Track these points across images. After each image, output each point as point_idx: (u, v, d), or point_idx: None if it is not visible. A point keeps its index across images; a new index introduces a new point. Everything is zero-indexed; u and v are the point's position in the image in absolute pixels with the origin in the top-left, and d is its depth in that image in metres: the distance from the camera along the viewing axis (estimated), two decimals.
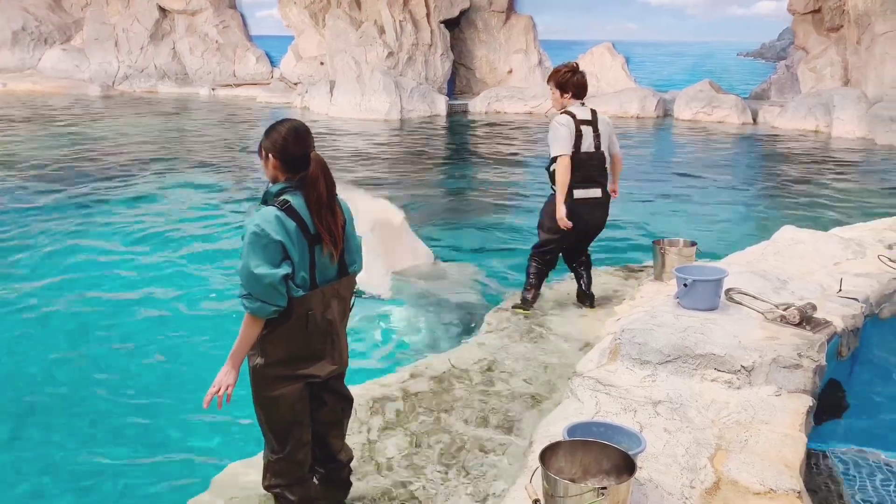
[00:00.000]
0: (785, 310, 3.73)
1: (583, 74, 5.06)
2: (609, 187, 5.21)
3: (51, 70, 25.60)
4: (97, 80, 24.65)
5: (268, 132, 2.77)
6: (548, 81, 5.18)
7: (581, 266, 5.45)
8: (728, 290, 4.02)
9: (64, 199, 9.89)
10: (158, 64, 25.45)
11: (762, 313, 3.81)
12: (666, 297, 4.17)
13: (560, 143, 4.92)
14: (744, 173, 12.67)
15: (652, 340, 3.53)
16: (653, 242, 5.54)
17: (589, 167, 4.99)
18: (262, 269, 2.58)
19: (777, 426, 3.02)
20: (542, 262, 5.27)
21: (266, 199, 2.74)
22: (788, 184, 11.78)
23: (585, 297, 5.47)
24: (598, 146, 5.00)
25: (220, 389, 2.71)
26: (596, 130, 4.99)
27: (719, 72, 21.18)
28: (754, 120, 18.34)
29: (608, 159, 5.10)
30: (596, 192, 5.06)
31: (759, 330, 3.65)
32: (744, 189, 11.30)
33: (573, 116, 4.95)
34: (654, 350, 3.50)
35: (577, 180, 4.97)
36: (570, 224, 4.96)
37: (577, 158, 4.93)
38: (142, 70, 25.35)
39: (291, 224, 2.65)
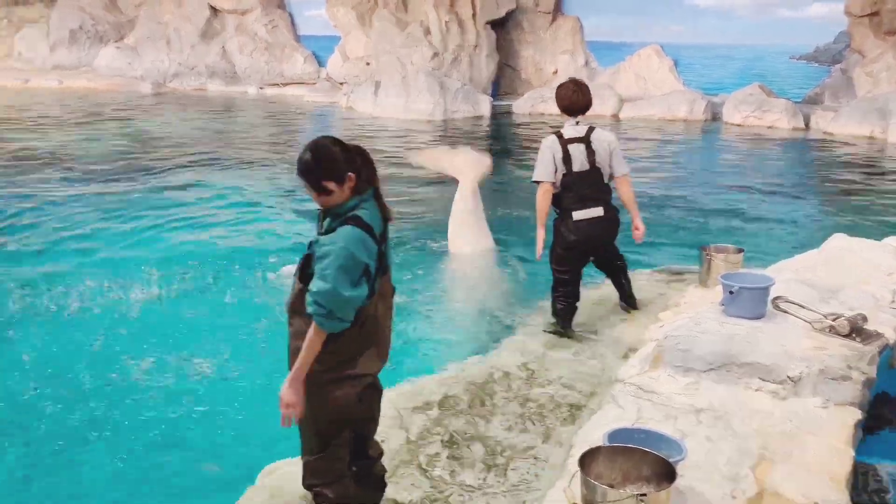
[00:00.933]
0: (834, 320, 3.65)
1: (577, 90, 4.90)
2: (632, 226, 5.06)
3: (105, 68, 26.30)
4: (149, 77, 25.25)
5: (324, 163, 2.68)
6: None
7: (617, 272, 5.35)
8: (775, 299, 3.94)
9: (112, 194, 10.14)
10: (208, 62, 25.96)
11: (810, 323, 3.73)
12: (711, 304, 4.11)
13: (539, 169, 4.83)
14: (794, 179, 12.40)
15: (696, 348, 3.49)
16: (699, 248, 5.45)
17: (584, 186, 4.82)
18: (349, 292, 2.60)
19: (823, 438, 2.96)
20: (565, 299, 5.07)
21: (328, 215, 2.73)
22: (840, 191, 11.49)
23: (627, 301, 5.41)
24: (592, 163, 4.81)
25: (291, 409, 2.72)
26: (589, 147, 4.81)
27: (770, 75, 20.81)
28: (806, 125, 17.92)
29: (607, 175, 4.90)
30: (597, 211, 4.86)
31: (806, 340, 3.57)
32: (794, 195, 11.06)
33: (559, 136, 4.83)
34: (698, 357, 3.45)
35: (574, 201, 4.83)
36: (540, 251, 4.92)
37: (570, 179, 4.80)
38: (192, 68, 25.88)
39: (371, 242, 2.67)
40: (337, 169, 2.67)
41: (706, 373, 3.41)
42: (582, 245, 4.93)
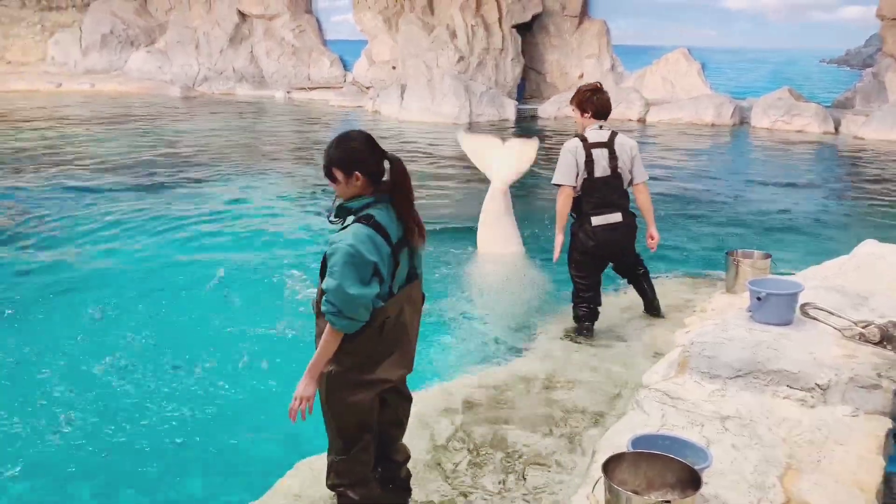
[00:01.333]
0: (864, 327, 3.59)
1: (605, 95, 4.89)
2: (647, 234, 5.06)
3: (136, 71, 26.72)
4: (178, 81, 25.59)
5: (338, 151, 2.73)
6: (570, 102, 5.03)
7: (638, 280, 5.32)
8: (803, 305, 3.89)
9: (140, 196, 10.30)
10: (236, 67, 26.25)
11: (839, 330, 3.67)
12: (738, 311, 4.07)
13: (561, 172, 4.81)
14: (824, 185, 12.22)
15: (722, 354, 3.45)
16: (726, 253, 5.40)
17: (605, 191, 4.82)
18: (356, 290, 2.61)
19: (853, 448, 2.91)
20: (586, 305, 5.05)
21: (340, 214, 2.76)
22: (871, 196, 11.29)
23: (652, 309, 5.36)
24: (614, 168, 4.81)
25: (300, 403, 2.77)
26: (612, 152, 4.80)
27: (800, 79, 20.49)
28: (836, 129, 17.64)
29: (626, 181, 4.89)
30: (616, 217, 4.86)
31: (835, 347, 3.52)
32: (823, 201, 10.90)
33: (584, 140, 4.81)
34: (724, 364, 3.41)
35: (594, 206, 4.82)
36: (557, 255, 4.94)
37: (592, 183, 4.79)
38: (220, 72, 26.19)
39: (381, 241, 2.68)
40: (347, 161, 2.71)
41: (733, 379, 3.37)
42: (600, 250, 4.91)
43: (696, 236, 8.45)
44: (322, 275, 2.77)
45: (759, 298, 3.77)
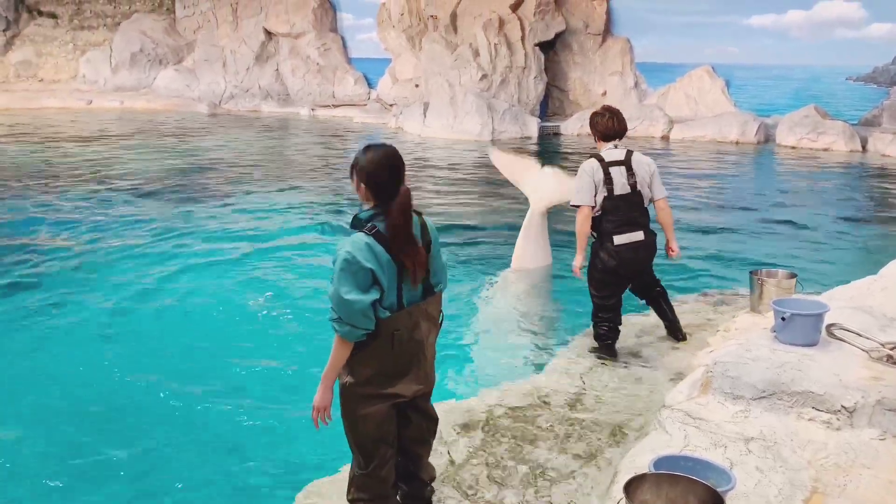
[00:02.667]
0: (892, 349, 3.54)
1: (612, 118, 4.90)
2: (666, 247, 5.03)
3: (164, 89, 27.18)
4: (205, 98, 25.98)
5: (361, 157, 2.82)
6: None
7: (657, 300, 5.24)
8: (829, 326, 3.84)
9: (166, 210, 10.47)
10: (262, 84, 26.60)
11: (866, 351, 3.62)
12: (762, 331, 4.02)
13: (580, 193, 4.81)
14: (850, 203, 12.07)
15: (746, 374, 3.42)
16: (750, 273, 5.35)
17: (626, 209, 4.79)
18: (352, 296, 2.65)
19: (880, 472, 2.86)
20: (607, 324, 5.02)
21: (354, 224, 2.81)
22: None
23: (674, 331, 5.29)
24: (633, 185, 4.79)
25: (318, 412, 2.82)
26: (630, 170, 4.80)
27: (826, 96, 20.32)
28: (863, 147, 17.44)
29: (647, 198, 4.87)
30: (638, 235, 4.82)
31: (862, 369, 3.47)
32: (850, 220, 10.75)
33: (601, 160, 4.83)
34: (748, 385, 3.38)
35: (616, 225, 4.80)
36: (579, 276, 4.94)
37: (612, 202, 4.77)
38: (246, 90, 26.55)
39: (380, 250, 2.71)
40: (359, 169, 2.80)
41: (756, 400, 3.33)
42: (622, 270, 4.88)
43: (720, 255, 8.38)
44: None
45: (783, 318, 3.72)
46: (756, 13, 21.02)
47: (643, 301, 5.37)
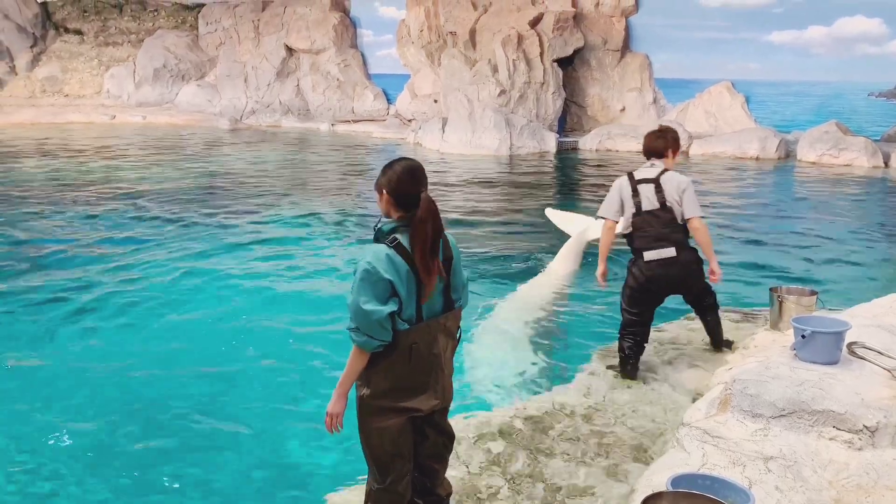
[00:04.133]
0: None
1: (651, 136, 5.05)
2: (709, 269, 5.00)
3: (186, 104, 27.54)
4: (227, 114, 26.27)
5: (385, 170, 2.88)
6: None
7: (704, 312, 5.24)
8: (850, 345, 3.80)
9: (187, 224, 10.58)
10: (283, 100, 26.87)
11: (889, 370, 3.58)
12: (782, 348, 4.00)
13: (604, 205, 4.96)
14: (872, 220, 11.93)
15: (765, 392, 3.39)
16: (770, 289, 5.31)
17: (656, 225, 4.78)
18: (371, 306, 2.68)
19: None
20: (633, 338, 4.99)
21: (378, 237, 2.84)
22: None
23: (715, 344, 5.30)
24: (662, 202, 4.78)
25: (331, 419, 2.85)
26: (658, 186, 4.80)
27: (847, 112, 20.10)
28: (886, 164, 17.26)
29: (679, 216, 4.83)
30: (669, 252, 4.78)
31: (884, 388, 3.43)
32: (872, 237, 10.63)
33: (630, 177, 4.91)
34: (768, 403, 3.35)
35: (646, 241, 4.81)
36: (604, 285, 5.02)
37: (641, 218, 4.81)
38: (267, 105, 26.82)
39: (400, 262, 2.74)
40: (385, 181, 2.84)
41: (776, 419, 3.30)
42: (653, 285, 4.86)
43: (740, 271, 8.31)
44: None
45: (803, 336, 3.70)
46: (776, 29, 20.85)
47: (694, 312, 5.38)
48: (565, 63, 21.74)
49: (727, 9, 21.39)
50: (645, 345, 5.06)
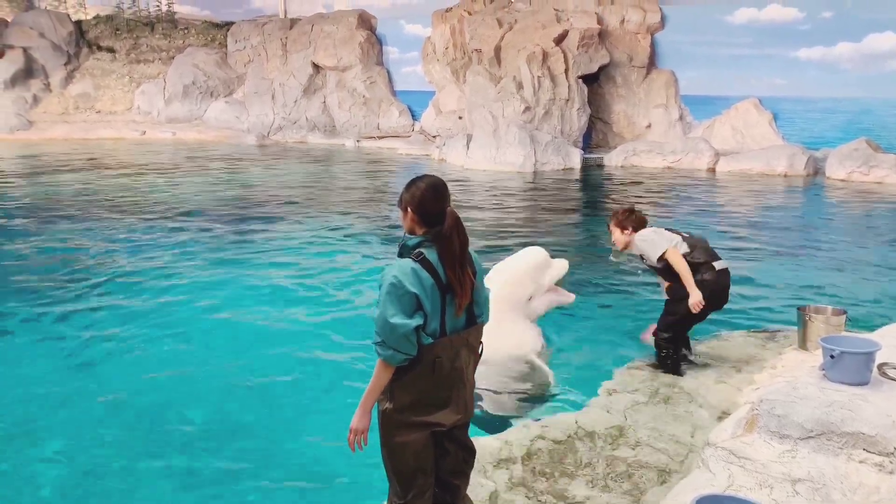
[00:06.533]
0: None
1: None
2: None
3: (214, 120, 27.97)
4: (254, 130, 26.63)
5: (408, 186, 2.90)
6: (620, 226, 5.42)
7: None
8: (881, 365, 3.73)
9: (215, 238, 10.71)
10: (309, 116, 27.17)
11: None
12: (810, 368, 3.94)
13: (658, 244, 5.12)
14: None
15: (793, 413, 3.34)
16: (797, 309, 5.25)
17: (702, 244, 5.22)
18: (397, 319, 2.69)
19: None
20: (674, 345, 5.33)
21: (402, 252, 2.86)
22: None
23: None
24: (689, 234, 5.34)
25: (354, 435, 2.85)
26: (670, 230, 5.32)
27: (877, 129, 19.82)
28: None
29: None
30: (725, 262, 5.25)
31: None
32: None
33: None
34: (796, 424, 3.30)
35: (708, 255, 5.16)
36: (702, 304, 5.06)
37: (691, 240, 5.20)
38: (294, 122, 27.14)
39: (426, 276, 2.76)
40: (409, 198, 2.86)
41: (804, 440, 3.25)
42: (724, 291, 5.18)
43: (767, 290, 8.21)
44: None
45: (832, 356, 3.64)
46: (804, 46, 20.68)
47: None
48: (590, 80, 21.74)
49: (753, 25, 21.28)
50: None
